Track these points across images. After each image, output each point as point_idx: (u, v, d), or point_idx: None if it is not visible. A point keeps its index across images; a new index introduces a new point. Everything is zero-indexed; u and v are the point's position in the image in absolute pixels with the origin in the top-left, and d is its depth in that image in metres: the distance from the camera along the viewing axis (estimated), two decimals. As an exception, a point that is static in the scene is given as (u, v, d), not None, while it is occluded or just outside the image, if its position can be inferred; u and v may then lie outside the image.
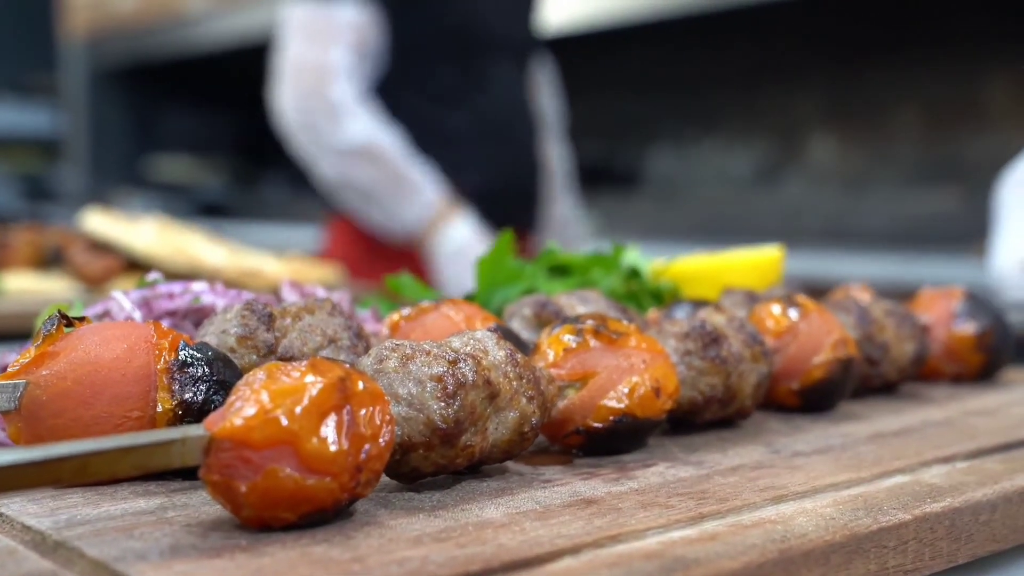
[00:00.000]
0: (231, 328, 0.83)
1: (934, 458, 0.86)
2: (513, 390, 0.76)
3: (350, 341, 0.86)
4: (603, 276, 1.22)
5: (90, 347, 0.72)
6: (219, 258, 2.08)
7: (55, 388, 0.71)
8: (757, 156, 4.73)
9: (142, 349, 0.73)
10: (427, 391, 0.71)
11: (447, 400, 0.71)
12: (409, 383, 0.71)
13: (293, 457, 0.62)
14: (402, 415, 0.71)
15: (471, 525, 0.67)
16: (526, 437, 0.77)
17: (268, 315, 0.84)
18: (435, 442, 0.71)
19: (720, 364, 0.92)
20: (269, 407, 0.62)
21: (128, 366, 0.72)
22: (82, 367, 0.71)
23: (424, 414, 0.71)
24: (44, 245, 2.26)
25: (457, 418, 0.71)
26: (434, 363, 0.72)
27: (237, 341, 0.82)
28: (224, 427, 0.61)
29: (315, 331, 0.85)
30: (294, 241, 4.24)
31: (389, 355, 0.72)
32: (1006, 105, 3.94)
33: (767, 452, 0.88)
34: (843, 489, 0.77)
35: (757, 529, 0.67)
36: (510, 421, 0.76)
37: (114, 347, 0.72)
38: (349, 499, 0.65)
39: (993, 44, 4.00)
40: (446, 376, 0.71)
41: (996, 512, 0.77)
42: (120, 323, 0.76)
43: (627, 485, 0.77)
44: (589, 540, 0.64)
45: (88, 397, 0.71)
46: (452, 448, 0.72)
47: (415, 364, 0.72)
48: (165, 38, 7.08)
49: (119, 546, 0.61)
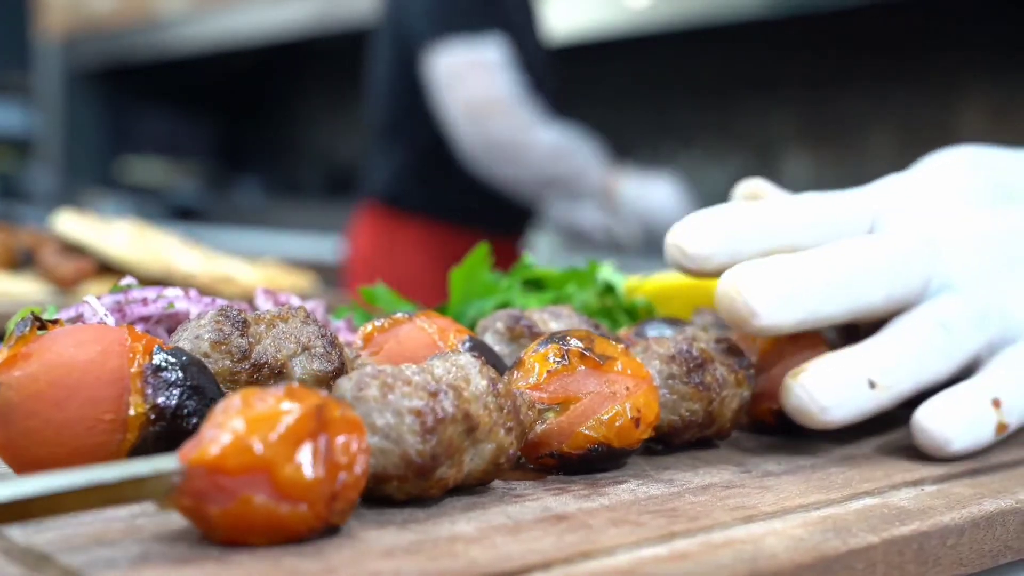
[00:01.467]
0: (205, 334, 0.82)
1: (903, 481, 0.86)
2: (492, 422, 0.75)
3: (324, 349, 0.85)
4: (578, 291, 1.22)
5: (64, 349, 0.71)
6: (193, 263, 2.07)
7: (28, 390, 0.70)
8: (732, 172, 4.75)
9: (116, 352, 0.72)
10: (405, 424, 0.70)
11: (424, 435, 0.70)
12: (388, 414, 0.70)
13: (268, 484, 0.61)
14: (378, 446, 0.70)
15: (443, 539, 0.67)
16: (501, 467, 0.77)
17: (242, 321, 0.83)
18: (409, 475, 0.71)
19: (703, 390, 0.92)
20: (244, 434, 0.61)
21: (102, 369, 0.71)
22: (55, 369, 0.70)
23: (400, 447, 0.70)
24: (15, 246, 2.24)
25: (434, 453, 0.71)
26: (414, 395, 0.71)
27: (211, 346, 0.81)
28: (198, 456, 0.61)
29: (289, 338, 0.84)
30: (267, 247, 4.23)
31: (369, 382, 0.71)
32: (979, 126, 3.98)
33: (738, 471, 0.88)
34: (813, 510, 0.77)
35: (727, 549, 0.68)
36: (487, 453, 0.76)
37: (88, 350, 0.72)
38: (323, 527, 0.65)
39: (967, 66, 4.04)
40: (425, 410, 0.71)
41: (963, 536, 0.78)
42: (94, 326, 0.75)
43: (598, 502, 0.77)
44: (560, 556, 0.64)
45: (61, 399, 0.70)
46: (426, 480, 0.72)
47: (395, 395, 0.71)
48: (141, 40, 7.06)
49: (89, 553, 0.61)
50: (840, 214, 1.02)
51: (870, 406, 0.92)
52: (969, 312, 0.99)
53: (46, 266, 2.07)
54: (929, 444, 0.91)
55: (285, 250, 4.31)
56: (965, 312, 0.98)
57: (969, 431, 0.91)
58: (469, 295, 1.20)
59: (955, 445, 0.91)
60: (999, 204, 1.08)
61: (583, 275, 1.25)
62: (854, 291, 0.94)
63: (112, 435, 0.71)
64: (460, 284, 1.20)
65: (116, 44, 7.27)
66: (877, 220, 1.04)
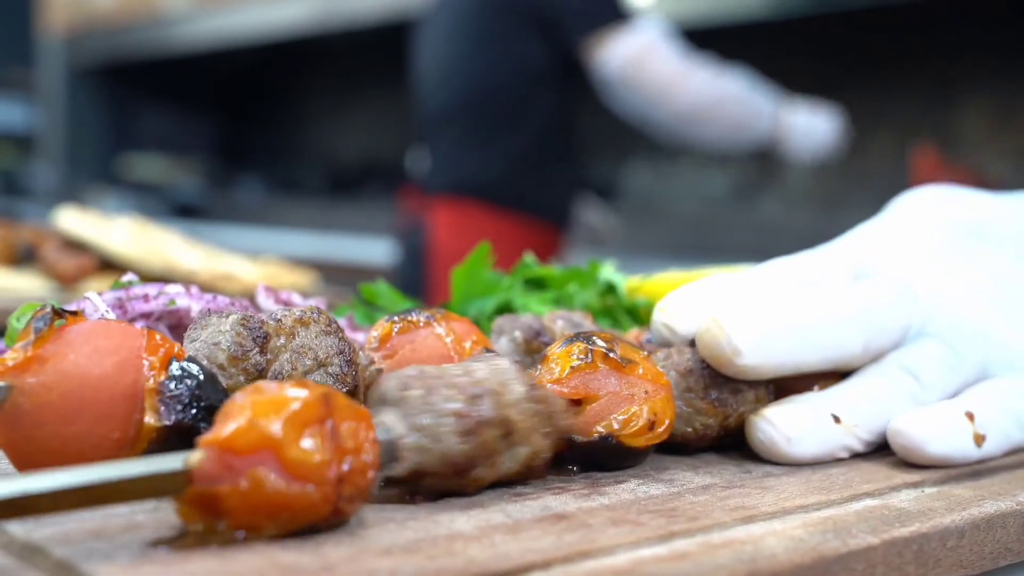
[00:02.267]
0: (224, 343, 0.80)
1: (903, 483, 0.86)
2: (529, 427, 0.78)
3: (340, 368, 0.84)
4: (579, 291, 1.22)
5: (79, 358, 0.70)
6: (194, 260, 2.07)
7: (39, 399, 0.69)
8: (734, 174, 4.75)
9: (132, 366, 0.71)
10: (445, 425, 0.73)
11: (463, 437, 0.73)
12: (429, 415, 0.73)
13: (275, 462, 0.62)
14: (418, 444, 0.73)
15: (441, 537, 0.66)
16: (535, 469, 0.80)
17: (263, 335, 0.82)
18: (447, 473, 0.74)
19: (719, 407, 0.92)
20: (253, 416, 0.63)
21: (116, 385, 0.70)
22: (68, 381, 0.69)
23: (440, 447, 0.73)
24: (17, 242, 2.24)
25: (471, 454, 0.74)
26: (456, 398, 0.74)
27: (228, 360, 0.80)
28: (212, 438, 0.62)
29: (307, 353, 0.84)
30: (269, 245, 4.23)
31: (413, 383, 0.75)
32: (979, 130, 3.98)
33: (738, 471, 0.88)
34: (813, 511, 0.77)
35: (727, 549, 0.68)
36: (521, 455, 0.78)
37: (104, 361, 0.70)
38: (332, 513, 0.65)
39: (967, 71, 4.04)
40: (465, 413, 0.74)
41: (964, 538, 0.78)
42: (112, 328, 0.73)
43: (598, 501, 0.77)
44: (559, 555, 0.64)
45: (71, 414, 0.69)
46: (463, 479, 0.75)
47: (437, 396, 0.74)
48: (144, 37, 7.06)
49: (87, 547, 0.61)
50: (822, 271, 1.02)
51: (838, 442, 0.92)
52: (941, 355, 0.98)
53: (47, 262, 2.07)
54: (906, 446, 0.91)
55: (286, 248, 4.31)
56: (936, 355, 0.98)
57: (944, 436, 0.90)
58: (470, 294, 1.20)
59: (931, 447, 0.90)
60: (973, 245, 1.08)
61: (584, 275, 1.25)
62: (834, 336, 0.94)
63: (117, 452, 0.71)
64: (461, 283, 1.20)
65: (118, 41, 7.27)
66: (859, 271, 1.05)
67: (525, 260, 1.27)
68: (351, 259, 4.52)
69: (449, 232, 3.17)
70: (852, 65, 4.28)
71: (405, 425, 0.73)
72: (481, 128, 3.18)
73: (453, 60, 3.24)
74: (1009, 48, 3.91)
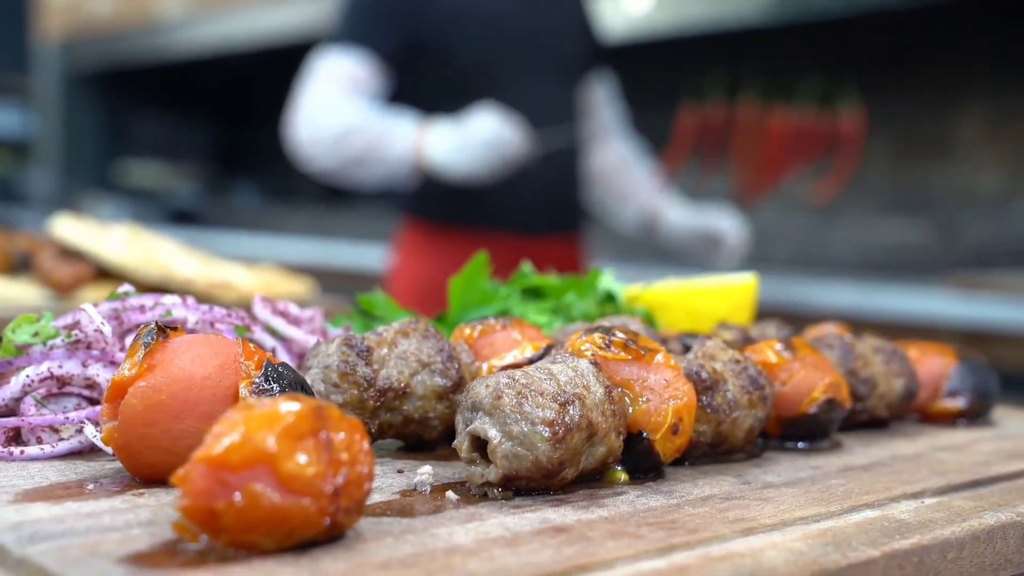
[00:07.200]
0: (333, 364, 0.90)
1: (903, 493, 0.86)
2: (608, 428, 0.83)
3: (443, 364, 0.92)
4: (577, 300, 1.22)
5: (185, 363, 0.78)
6: (190, 268, 2.06)
7: (150, 400, 0.76)
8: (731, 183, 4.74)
9: (231, 369, 0.78)
10: (538, 433, 0.78)
11: (555, 444, 0.78)
12: (523, 423, 0.78)
13: (270, 477, 0.62)
14: (512, 451, 0.78)
15: (440, 551, 0.66)
16: (608, 466, 0.85)
17: (366, 349, 0.91)
18: (538, 476, 0.79)
19: (712, 413, 0.92)
20: (246, 432, 0.62)
21: (218, 386, 0.77)
22: (177, 383, 0.76)
23: (533, 454, 0.78)
24: (12, 250, 2.24)
25: (561, 460, 0.79)
26: (547, 405, 0.79)
27: (340, 377, 0.89)
28: (203, 454, 0.62)
29: (409, 357, 0.92)
30: (265, 251, 4.22)
31: (505, 391, 0.79)
32: (975, 138, 3.98)
33: (737, 483, 0.88)
34: (812, 523, 0.77)
35: (726, 562, 0.67)
36: (599, 454, 0.83)
37: (207, 364, 0.78)
38: (329, 525, 0.64)
39: (963, 79, 4.04)
40: (557, 421, 0.78)
41: (964, 550, 0.78)
42: (211, 337, 0.81)
43: (597, 513, 0.77)
44: (558, 569, 0.64)
45: (179, 412, 0.76)
46: (551, 480, 0.80)
47: (529, 405, 0.79)
48: (140, 43, 7.05)
49: (83, 562, 0.60)
50: None
51: None
52: None
53: (43, 271, 2.06)
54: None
55: (282, 254, 4.30)
56: None
57: None
58: (467, 303, 1.20)
59: None
60: None
61: (583, 284, 1.24)
62: None
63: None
64: (459, 292, 1.20)
65: (115, 47, 7.26)
66: None
67: (523, 269, 1.26)
68: (347, 265, 4.51)
69: (405, 251, 3.01)
70: (848, 72, 4.28)
71: (500, 433, 0.78)
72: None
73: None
74: (1005, 55, 3.91)
